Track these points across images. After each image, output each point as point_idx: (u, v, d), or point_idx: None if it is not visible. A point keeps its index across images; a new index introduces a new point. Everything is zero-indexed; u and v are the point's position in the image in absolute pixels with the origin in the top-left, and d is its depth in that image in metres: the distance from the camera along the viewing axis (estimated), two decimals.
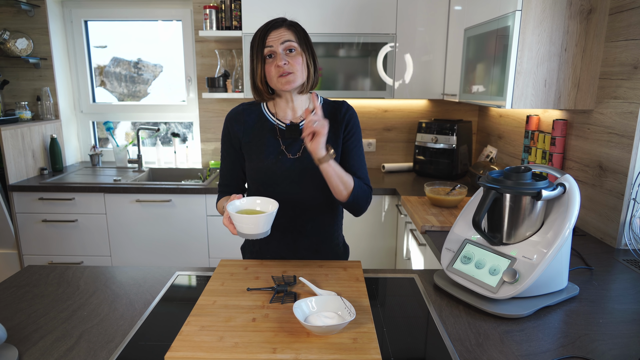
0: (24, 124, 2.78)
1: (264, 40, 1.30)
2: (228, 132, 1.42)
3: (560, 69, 1.74)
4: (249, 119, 1.41)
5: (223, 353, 0.92)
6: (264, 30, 1.31)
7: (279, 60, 1.28)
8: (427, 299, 1.22)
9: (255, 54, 1.32)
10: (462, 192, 2.11)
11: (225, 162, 1.46)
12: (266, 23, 1.34)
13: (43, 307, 1.17)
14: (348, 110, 1.43)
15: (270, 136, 1.39)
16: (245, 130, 1.40)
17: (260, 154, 1.38)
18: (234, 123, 1.41)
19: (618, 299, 1.25)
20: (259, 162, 1.38)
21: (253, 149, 1.39)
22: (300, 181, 1.38)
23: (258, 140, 1.39)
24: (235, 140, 1.41)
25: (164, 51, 3.33)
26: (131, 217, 2.69)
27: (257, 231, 1.15)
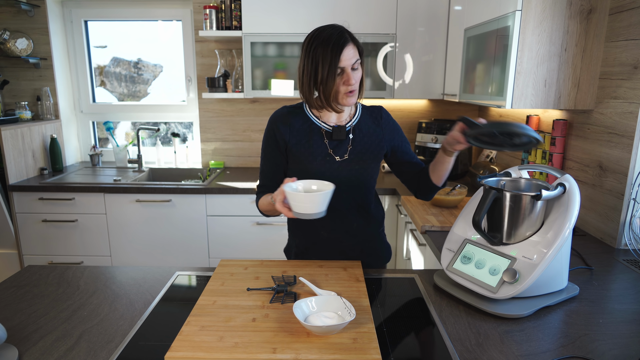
0: (24, 124, 2.78)
1: (338, 57, 1.28)
2: (273, 133, 1.42)
3: (560, 69, 1.74)
4: (295, 121, 1.41)
5: (223, 353, 0.92)
6: (339, 45, 1.28)
7: (350, 78, 1.30)
8: (427, 299, 1.22)
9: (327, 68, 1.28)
10: (462, 192, 2.11)
11: (268, 163, 1.46)
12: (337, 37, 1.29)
13: (43, 307, 1.17)
14: (384, 113, 1.50)
15: (317, 139, 1.40)
16: (292, 132, 1.40)
17: (308, 156, 1.39)
18: (279, 125, 1.41)
19: (618, 299, 1.25)
20: (307, 165, 1.39)
21: (301, 151, 1.40)
22: (348, 182, 1.41)
23: (305, 143, 1.40)
24: (281, 142, 1.41)
25: (164, 51, 3.33)
26: (131, 217, 2.69)
27: (314, 210, 1.15)
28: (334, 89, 1.31)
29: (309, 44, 1.31)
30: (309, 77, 1.32)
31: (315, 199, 1.14)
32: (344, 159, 1.40)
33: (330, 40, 1.28)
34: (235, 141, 3.23)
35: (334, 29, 1.31)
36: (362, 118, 1.46)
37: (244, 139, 3.23)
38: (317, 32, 1.32)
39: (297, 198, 1.14)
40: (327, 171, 1.39)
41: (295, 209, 1.16)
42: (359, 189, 1.44)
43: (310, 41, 1.31)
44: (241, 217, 2.67)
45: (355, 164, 1.41)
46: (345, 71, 1.30)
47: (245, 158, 3.27)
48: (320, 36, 1.30)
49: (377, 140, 1.44)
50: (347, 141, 1.41)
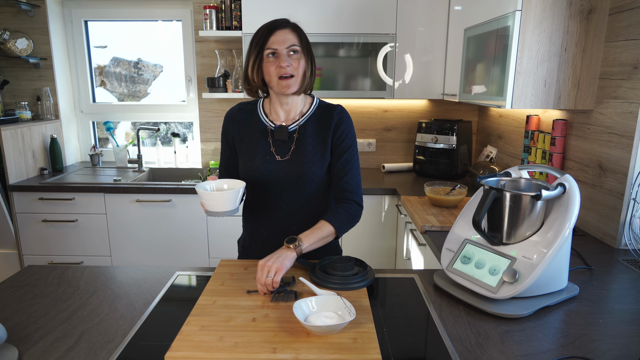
0: (24, 124, 2.78)
1: (268, 39, 1.30)
2: (225, 130, 1.46)
3: (560, 69, 1.74)
4: (244, 118, 1.44)
5: (223, 353, 0.92)
6: (269, 28, 1.32)
7: (282, 61, 1.29)
8: (427, 299, 1.22)
9: (256, 50, 1.32)
10: (462, 192, 2.11)
11: (222, 158, 1.51)
12: (271, 21, 1.35)
13: (43, 307, 1.17)
14: (338, 115, 1.40)
15: (261, 137, 1.41)
16: (240, 129, 1.43)
17: (250, 154, 1.40)
18: (230, 122, 1.45)
19: (618, 299, 1.25)
20: (248, 162, 1.41)
21: (244, 148, 1.42)
22: (289, 183, 1.39)
23: (249, 140, 1.42)
24: (230, 139, 1.45)
25: (164, 51, 3.33)
26: (131, 217, 2.69)
27: (222, 208, 1.19)
28: (267, 73, 1.31)
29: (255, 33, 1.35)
30: (245, 66, 1.35)
31: (220, 197, 1.19)
32: (285, 159, 1.38)
33: (263, 26, 1.33)
34: None
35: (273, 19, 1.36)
36: (311, 118, 1.41)
37: None
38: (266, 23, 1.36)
39: (204, 197, 1.20)
40: (266, 170, 1.38)
41: (206, 207, 1.22)
42: (301, 192, 1.40)
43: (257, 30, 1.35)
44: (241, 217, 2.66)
45: (295, 166, 1.37)
46: (278, 53, 1.30)
47: None
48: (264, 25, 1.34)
49: (321, 143, 1.38)
50: (290, 141, 1.39)
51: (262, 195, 1.42)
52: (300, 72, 1.32)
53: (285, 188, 1.40)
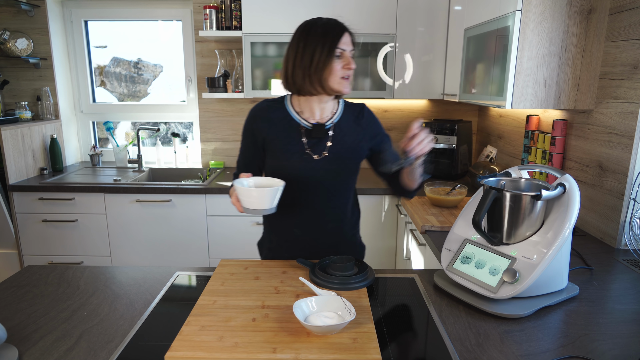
0: (24, 124, 2.78)
1: (339, 39, 1.30)
2: (251, 127, 1.41)
3: (560, 69, 1.74)
4: (274, 116, 1.40)
5: (223, 353, 0.92)
6: (340, 28, 1.32)
7: (351, 62, 1.31)
8: (427, 299, 1.22)
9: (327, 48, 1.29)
10: (462, 192, 2.11)
11: (243, 155, 1.47)
12: (337, 22, 1.34)
13: (43, 307, 1.17)
14: (366, 111, 1.48)
15: (295, 135, 1.38)
16: (270, 127, 1.39)
17: (286, 153, 1.38)
18: (258, 119, 1.40)
19: (618, 299, 1.25)
20: (283, 161, 1.38)
21: (278, 147, 1.38)
22: (325, 181, 1.39)
23: (283, 139, 1.38)
24: (259, 137, 1.40)
25: (164, 51, 3.33)
26: (131, 217, 2.69)
27: (262, 206, 1.16)
28: (332, 72, 1.30)
29: (304, 31, 1.32)
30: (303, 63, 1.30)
31: (263, 194, 1.15)
32: (322, 157, 1.38)
33: (330, 25, 1.31)
34: (236, 141, 3.23)
35: (329, 18, 1.34)
36: (343, 116, 1.44)
37: None
38: (311, 21, 1.34)
39: (245, 193, 1.16)
40: (303, 169, 1.37)
41: (244, 204, 1.18)
42: (336, 189, 1.42)
43: (305, 29, 1.32)
44: (241, 217, 2.67)
45: (333, 163, 1.38)
46: (345, 55, 1.31)
47: None
48: (318, 23, 1.32)
49: (357, 140, 1.42)
50: (326, 139, 1.39)
51: (297, 194, 1.39)
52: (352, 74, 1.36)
53: (322, 186, 1.40)
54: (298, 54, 1.31)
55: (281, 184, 1.21)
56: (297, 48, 1.31)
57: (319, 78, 1.30)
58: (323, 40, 1.29)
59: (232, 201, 1.23)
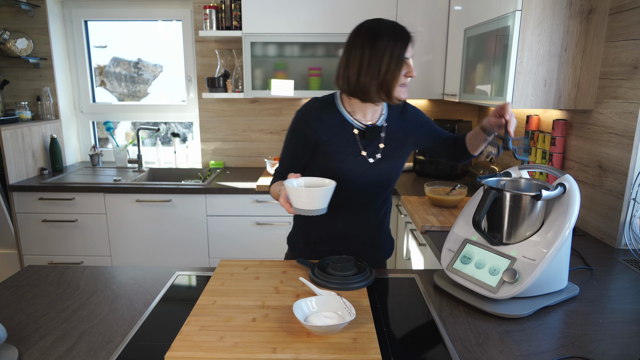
0: (24, 124, 2.78)
1: (407, 47, 1.27)
2: (302, 128, 1.37)
3: (560, 69, 1.74)
4: (328, 117, 1.37)
5: (223, 353, 0.92)
6: (407, 36, 1.28)
7: (413, 70, 1.29)
8: (427, 299, 1.22)
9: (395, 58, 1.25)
10: (462, 192, 2.11)
11: (289, 154, 1.43)
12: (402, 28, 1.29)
13: (43, 307, 1.17)
14: (410, 107, 1.50)
15: (349, 137, 1.37)
16: (324, 128, 1.36)
17: (340, 155, 1.36)
18: (310, 120, 1.37)
19: (618, 299, 1.25)
20: (338, 163, 1.36)
21: (332, 148, 1.36)
22: (375, 182, 1.41)
23: (337, 140, 1.36)
24: (311, 138, 1.37)
25: (164, 51, 3.33)
26: (131, 217, 2.69)
27: (314, 207, 1.13)
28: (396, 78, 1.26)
29: (370, 36, 1.26)
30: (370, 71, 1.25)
31: (316, 194, 1.12)
32: (377, 158, 1.38)
33: (397, 31, 1.27)
34: (235, 141, 3.24)
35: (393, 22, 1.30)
36: (389, 115, 1.44)
37: (244, 139, 3.23)
38: (375, 25, 1.28)
39: (297, 193, 1.13)
40: (357, 170, 1.37)
41: (295, 204, 1.15)
42: (385, 187, 1.44)
43: (371, 33, 1.26)
44: (241, 217, 2.67)
45: (385, 163, 1.40)
46: (408, 62, 1.29)
47: (245, 158, 3.27)
48: (383, 28, 1.27)
49: (404, 136, 1.44)
50: (378, 140, 1.39)
51: (345, 193, 1.39)
52: None
53: (373, 188, 1.41)
54: (364, 60, 1.26)
55: (332, 184, 1.18)
56: (363, 54, 1.26)
57: (387, 87, 1.27)
58: (392, 49, 1.25)
59: (281, 202, 1.20)
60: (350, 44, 1.30)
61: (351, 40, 1.31)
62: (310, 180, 1.24)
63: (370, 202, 1.44)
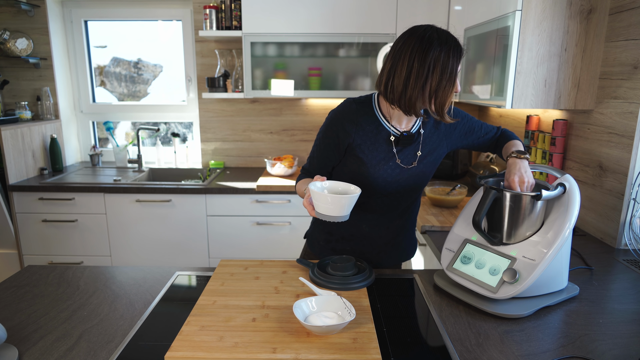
0: (24, 124, 2.78)
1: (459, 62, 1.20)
2: (336, 129, 1.33)
3: (560, 69, 1.74)
4: (364, 121, 1.32)
5: (223, 353, 0.92)
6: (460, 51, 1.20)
7: (458, 86, 1.22)
8: (427, 299, 1.22)
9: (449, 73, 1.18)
10: (462, 192, 2.11)
11: (319, 153, 1.40)
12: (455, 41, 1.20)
13: (43, 307, 1.17)
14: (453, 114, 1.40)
15: (383, 143, 1.33)
16: (358, 131, 1.31)
17: (372, 160, 1.32)
18: (346, 122, 1.31)
19: (618, 299, 1.25)
20: (370, 168, 1.33)
21: (365, 153, 1.32)
22: (406, 187, 1.38)
23: (371, 145, 1.32)
24: (344, 140, 1.32)
25: (164, 51, 3.33)
26: (131, 217, 2.69)
27: (337, 213, 1.10)
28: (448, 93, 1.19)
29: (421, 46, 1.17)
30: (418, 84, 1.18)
31: (340, 201, 1.09)
32: (411, 166, 1.35)
33: (450, 44, 1.17)
34: (235, 141, 3.23)
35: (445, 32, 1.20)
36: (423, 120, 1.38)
37: (244, 139, 3.23)
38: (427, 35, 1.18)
39: (321, 198, 1.10)
40: (388, 177, 1.34)
41: (318, 209, 1.12)
42: (415, 192, 1.42)
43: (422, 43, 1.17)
44: (241, 217, 2.67)
45: (417, 169, 1.37)
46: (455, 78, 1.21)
47: (245, 158, 3.27)
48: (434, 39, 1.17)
49: (438, 140, 1.39)
50: (416, 148, 1.35)
51: (376, 197, 1.37)
52: None
53: (403, 193, 1.39)
54: (413, 71, 1.17)
55: (357, 192, 1.15)
56: (412, 64, 1.17)
57: (437, 103, 1.20)
58: (444, 64, 1.16)
59: (304, 203, 1.18)
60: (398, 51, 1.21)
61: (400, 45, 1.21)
62: (335, 184, 1.21)
63: (397, 205, 1.42)
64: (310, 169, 1.44)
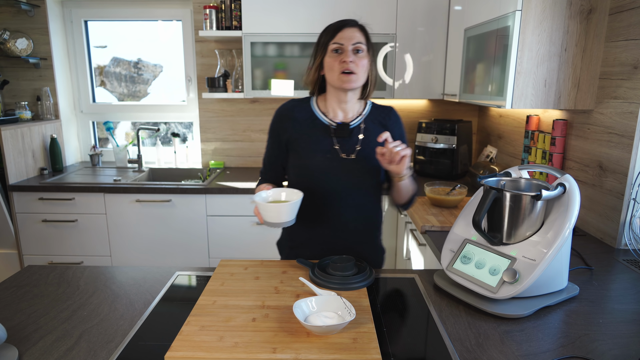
0: (24, 124, 2.78)
1: (335, 35, 1.33)
2: (276, 127, 1.43)
3: (560, 69, 1.74)
4: (299, 115, 1.41)
5: (223, 353, 0.92)
6: (339, 24, 1.35)
7: (346, 56, 1.30)
8: (427, 299, 1.22)
9: (322, 46, 1.34)
10: (462, 192, 2.11)
11: (268, 154, 1.49)
12: (341, 20, 1.37)
13: (43, 307, 1.17)
14: (394, 115, 1.48)
15: (321, 134, 1.39)
16: (295, 126, 1.40)
17: (309, 152, 1.38)
18: (284, 119, 1.42)
19: (618, 299, 1.25)
20: (306, 160, 1.39)
21: (302, 146, 1.39)
22: (351, 182, 1.40)
23: (308, 138, 1.39)
24: (283, 137, 1.41)
25: (164, 51, 3.33)
26: (131, 217, 2.69)
27: (280, 220, 1.19)
28: (330, 68, 1.32)
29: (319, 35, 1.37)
30: (312, 61, 1.37)
31: (281, 209, 1.18)
32: (351, 157, 1.38)
33: (334, 22, 1.36)
34: (235, 141, 3.23)
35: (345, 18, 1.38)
36: (369, 117, 1.43)
37: (244, 139, 3.23)
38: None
39: (264, 208, 1.19)
40: (327, 168, 1.38)
41: (264, 217, 1.21)
42: (360, 190, 1.42)
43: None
44: (241, 217, 2.67)
45: (358, 164, 1.39)
46: (343, 49, 1.31)
47: (245, 158, 3.27)
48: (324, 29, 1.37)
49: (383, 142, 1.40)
50: (355, 141, 1.39)
51: (321, 194, 1.39)
52: (361, 70, 1.33)
53: (347, 186, 1.40)
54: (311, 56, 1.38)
55: (298, 197, 1.22)
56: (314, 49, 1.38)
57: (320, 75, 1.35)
58: (321, 38, 1.35)
59: (255, 212, 1.26)
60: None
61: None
62: (278, 192, 1.29)
63: (347, 204, 1.41)
64: (264, 171, 1.51)
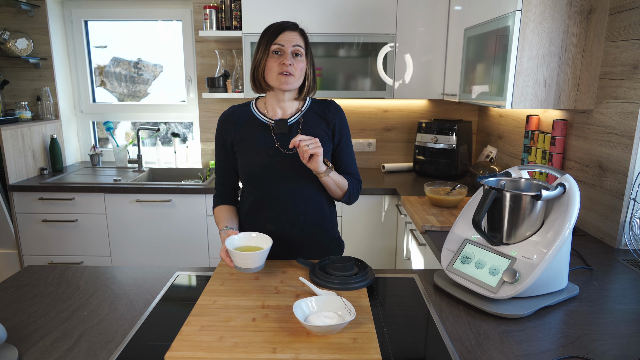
0: (24, 124, 2.78)
1: (276, 36, 1.37)
2: (220, 133, 1.48)
3: (560, 69, 1.74)
4: (239, 118, 1.47)
5: (223, 353, 0.92)
6: (280, 27, 1.38)
7: (286, 59, 1.35)
8: (427, 299, 1.22)
9: (264, 46, 1.38)
10: (462, 192, 2.11)
11: (218, 163, 1.52)
12: (282, 22, 1.41)
13: (43, 307, 1.17)
14: (334, 108, 1.50)
15: (262, 133, 1.44)
16: (236, 129, 1.45)
17: (252, 151, 1.42)
18: (225, 124, 1.47)
19: (618, 299, 1.25)
20: (250, 159, 1.42)
21: (244, 146, 1.44)
22: (296, 176, 1.42)
23: (249, 138, 1.44)
24: (227, 141, 1.47)
25: (164, 51, 3.33)
26: (131, 217, 2.69)
27: (254, 265, 1.21)
28: (269, 69, 1.36)
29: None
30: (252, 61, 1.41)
31: (254, 257, 1.20)
32: (290, 152, 1.41)
33: (273, 24, 1.40)
34: None
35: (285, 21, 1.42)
36: (308, 111, 1.48)
37: None
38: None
39: (237, 256, 1.20)
40: (271, 164, 1.41)
41: (236, 263, 1.22)
42: (306, 184, 1.44)
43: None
44: None
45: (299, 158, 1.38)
46: (283, 51, 1.36)
47: None
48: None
49: (323, 134, 1.45)
50: (294, 136, 1.42)
51: (268, 189, 1.44)
52: (299, 73, 1.38)
53: (292, 180, 1.43)
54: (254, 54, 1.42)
55: (268, 244, 1.24)
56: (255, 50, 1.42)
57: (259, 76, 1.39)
58: (262, 38, 1.39)
59: (222, 255, 1.25)
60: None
61: None
62: (247, 236, 1.31)
63: (294, 198, 1.44)
64: (219, 181, 1.53)
